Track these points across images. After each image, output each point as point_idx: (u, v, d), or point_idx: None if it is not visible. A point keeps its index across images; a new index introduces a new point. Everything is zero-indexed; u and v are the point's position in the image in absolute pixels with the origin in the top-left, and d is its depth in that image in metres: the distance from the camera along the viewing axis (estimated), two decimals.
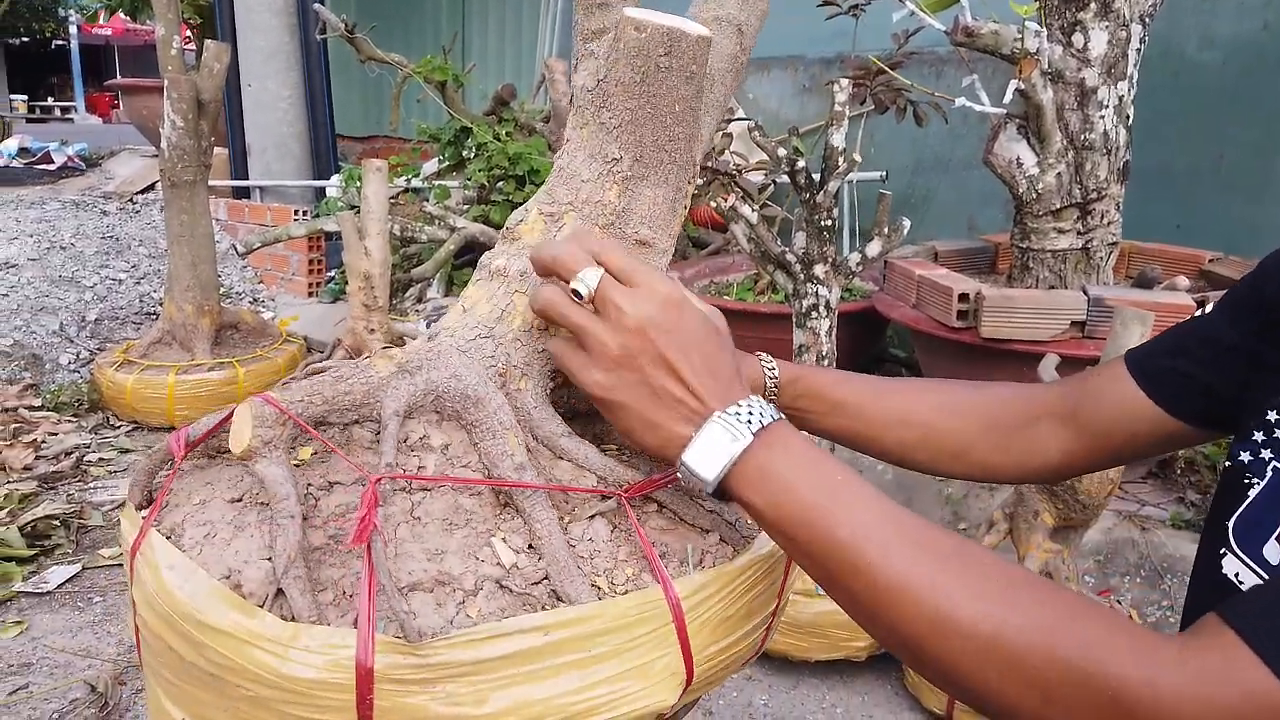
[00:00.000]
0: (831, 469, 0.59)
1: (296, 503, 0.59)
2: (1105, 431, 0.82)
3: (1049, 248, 2.66)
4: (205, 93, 3.60)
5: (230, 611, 0.55)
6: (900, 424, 0.85)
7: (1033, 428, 0.84)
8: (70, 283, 4.60)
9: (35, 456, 3.17)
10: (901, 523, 0.56)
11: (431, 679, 0.54)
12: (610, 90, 0.69)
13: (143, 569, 0.60)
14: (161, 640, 0.58)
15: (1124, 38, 2.55)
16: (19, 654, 2.16)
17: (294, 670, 0.53)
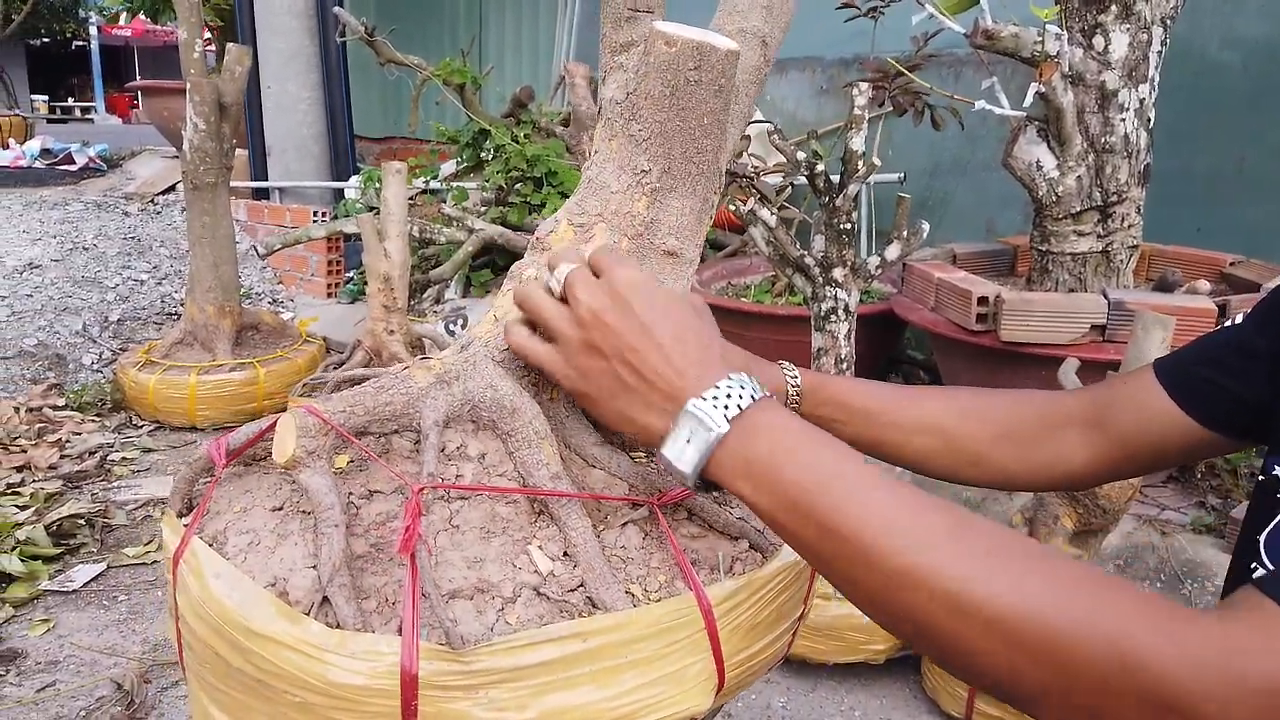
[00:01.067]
0: (820, 447, 0.56)
1: (340, 512, 0.60)
2: (1132, 440, 0.81)
3: (1069, 251, 2.65)
4: (227, 96, 3.63)
5: (278, 619, 0.56)
6: (922, 431, 0.84)
7: (1056, 435, 0.84)
8: (93, 283, 4.65)
9: (60, 456, 3.21)
10: (902, 499, 0.52)
11: (474, 685, 0.55)
12: (639, 103, 0.70)
13: (187, 576, 0.61)
14: (208, 647, 0.59)
15: (1145, 40, 2.54)
16: (46, 652, 2.18)
17: (341, 677, 0.54)
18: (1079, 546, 2.00)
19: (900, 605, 0.50)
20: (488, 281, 4.53)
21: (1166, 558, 2.37)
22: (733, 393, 0.57)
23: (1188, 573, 2.34)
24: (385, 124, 7.48)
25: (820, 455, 0.55)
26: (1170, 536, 2.42)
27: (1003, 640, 0.47)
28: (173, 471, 3.23)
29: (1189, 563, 2.35)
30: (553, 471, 0.65)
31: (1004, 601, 0.47)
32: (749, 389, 0.57)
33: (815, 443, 0.56)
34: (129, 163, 7.09)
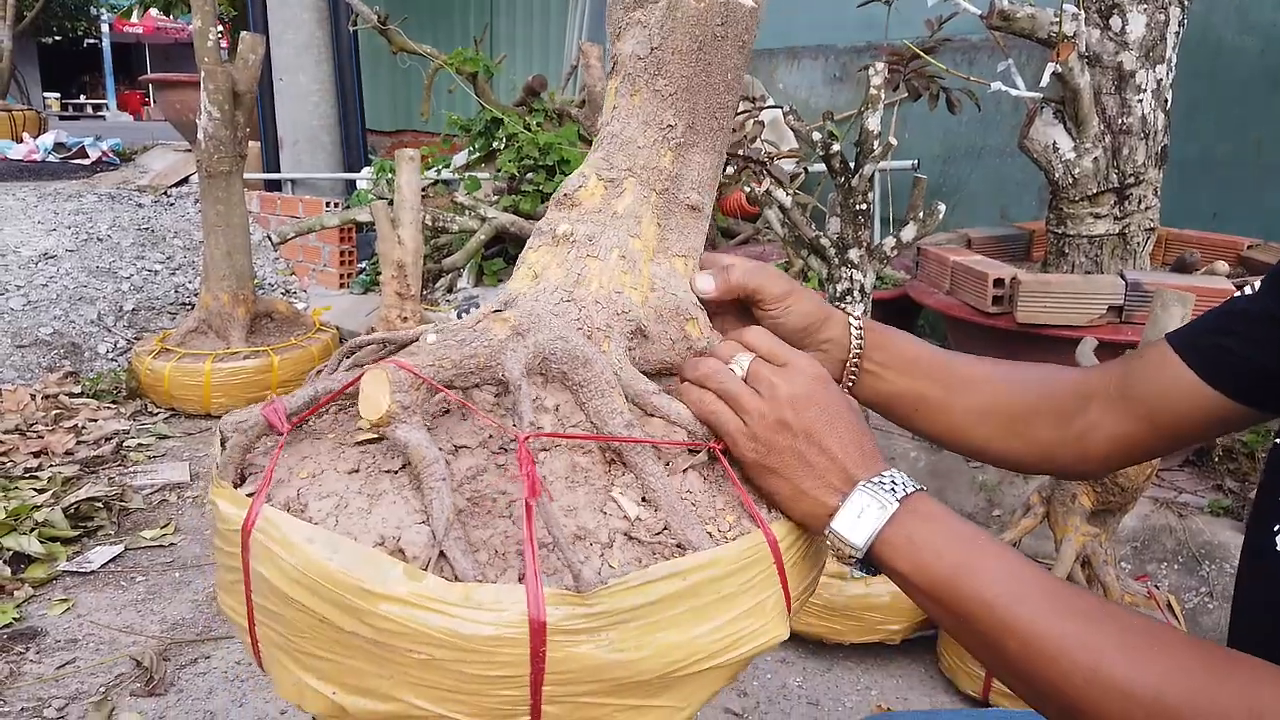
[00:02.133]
0: (973, 532, 0.63)
1: (445, 466, 0.60)
2: (1153, 414, 0.80)
3: (1085, 233, 2.64)
4: (241, 84, 3.64)
5: (399, 577, 0.55)
6: (967, 388, 0.84)
7: (1086, 409, 0.83)
8: (107, 273, 4.67)
9: (76, 441, 3.23)
10: (1046, 584, 0.59)
11: (597, 628, 0.56)
12: (666, 58, 0.71)
13: (269, 545, 0.58)
14: (309, 614, 0.57)
15: (1163, 20, 2.53)
16: (66, 630, 2.20)
17: (471, 629, 0.54)
18: (1097, 526, 1.99)
19: (1045, 679, 0.57)
20: (500, 270, 4.54)
21: (1184, 540, 2.36)
22: (897, 480, 0.65)
23: (1205, 554, 2.33)
24: (396, 117, 7.49)
25: (974, 538, 0.62)
26: (1188, 519, 2.40)
27: (1143, 716, 0.53)
28: (188, 457, 3.24)
29: (1206, 545, 2.34)
30: (626, 420, 0.66)
31: (1145, 684, 0.53)
32: (909, 479, 0.65)
33: (967, 527, 0.64)
34: (142, 157, 7.12)
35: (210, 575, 2.47)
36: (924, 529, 0.62)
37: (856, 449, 0.66)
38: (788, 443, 0.66)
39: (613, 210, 0.73)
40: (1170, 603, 2.05)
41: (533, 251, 0.75)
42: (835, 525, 0.64)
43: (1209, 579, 2.27)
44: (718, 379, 0.69)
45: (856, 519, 0.63)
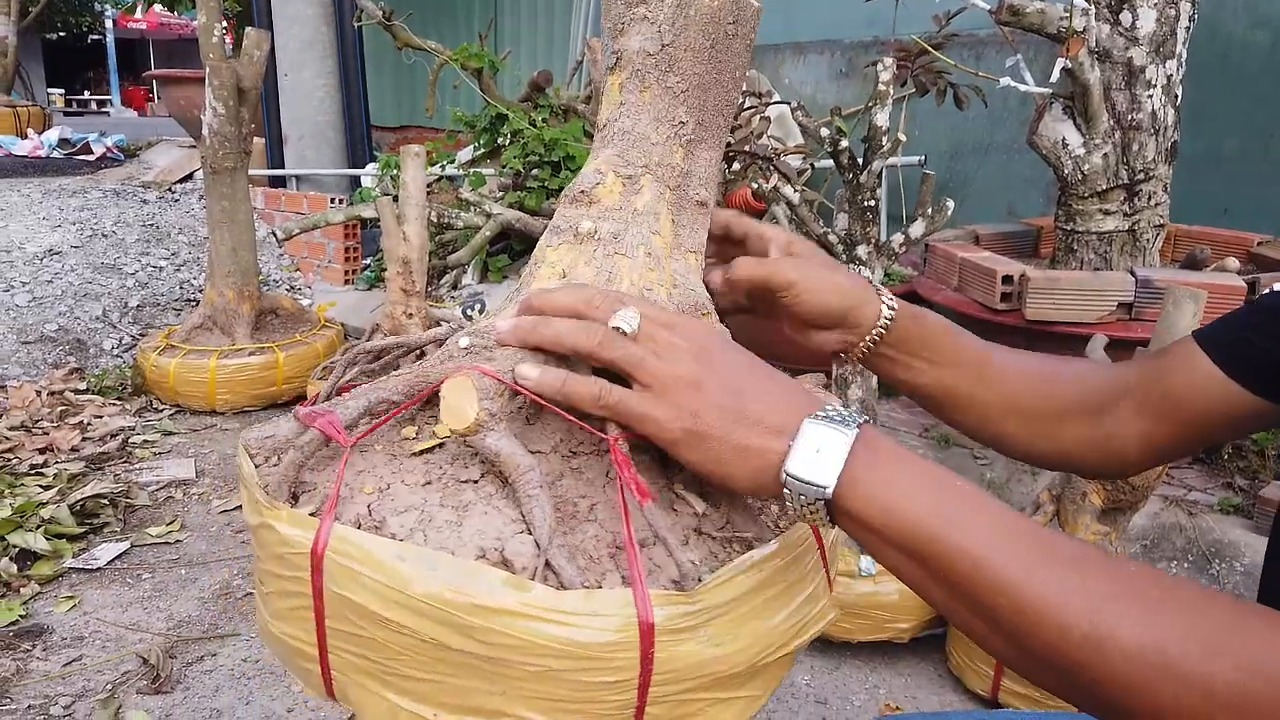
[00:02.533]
0: (942, 472, 0.54)
1: (540, 472, 0.59)
2: (1180, 412, 0.78)
3: (1094, 230, 2.62)
4: (246, 80, 3.64)
5: (508, 590, 0.53)
6: (998, 385, 0.82)
7: (1116, 410, 0.81)
8: (112, 270, 4.67)
9: (82, 438, 3.22)
10: (1036, 533, 0.51)
11: (698, 624, 0.55)
12: (679, 55, 0.71)
13: (351, 567, 0.56)
14: (409, 635, 0.55)
15: (1173, 15, 2.51)
16: (72, 627, 2.20)
17: (588, 636, 0.53)
18: (1107, 524, 1.98)
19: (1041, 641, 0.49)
20: (505, 267, 4.53)
21: (1194, 538, 2.35)
22: (843, 411, 0.55)
23: (1215, 553, 2.31)
24: (400, 113, 7.48)
25: (948, 481, 0.54)
26: (1198, 517, 2.39)
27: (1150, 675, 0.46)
28: (194, 454, 3.24)
29: (1216, 543, 2.33)
30: None
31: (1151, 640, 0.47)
32: (852, 411, 0.56)
33: (937, 467, 0.55)
34: (146, 153, 7.12)
35: (216, 572, 2.46)
36: (891, 467, 0.53)
37: (787, 389, 0.58)
38: (709, 400, 0.56)
39: (633, 207, 0.72)
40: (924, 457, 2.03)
41: (553, 250, 0.74)
42: (791, 468, 0.54)
43: (1219, 578, 2.26)
44: (610, 348, 0.58)
45: (815, 454, 0.53)
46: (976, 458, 2.74)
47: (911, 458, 0.55)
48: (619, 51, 0.74)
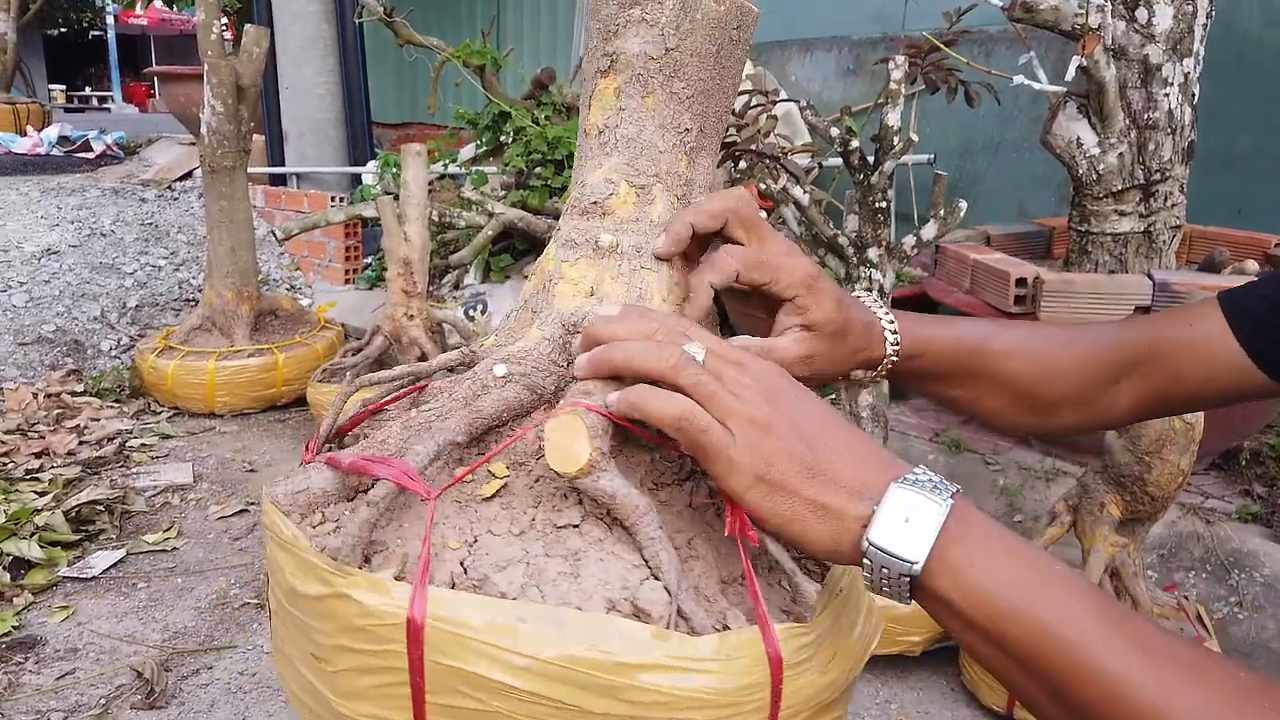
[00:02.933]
0: (1037, 555, 0.50)
1: (657, 514, 0.55)
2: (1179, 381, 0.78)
3: (1109, 231, 2.57)
4: (245, 78, 3.59)
5: (652, 642, 0.50)
6: (1002, 391, 0.81)
7: (1116, 386, 0.80)
8: (111, 269, 4.62)
9: (78, 442, 3.18)
10: (1134, 624, 0.48)
11: (814, 653, 0.55)
12: (684, 60, 0.69)
13: (458, 633, 0.51)
14: (540, 703, 0.50)
15: (1190, 12, 2.46)
16: (66, 639, 2.15)
17: (726, 682, 0.50)
18: (1125, 535, 1.93)
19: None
20: (507, 266, 4.47)
21: (1212, 547, 2.30)
22: (933, 477, 0.50)
23: (1234, 563, 2.26)
24: (402, 110, 7.42)
25: (1036, 559, 0.50)
26: (1215, 525, 2.34)
27: None
28: (191, 458, 3.19)
29: (1235, 552, 2.28)
30: None
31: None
32: (941, 477, 0.51)
33: (1026, 544, 0.51)
34: (146, 150, 7.06)
35: (213, 581, 2.42)
36: (983, 546, 0.49)
37: (862, 441, 0.53)
38: (785, 445, 0.51)
39: (650, 219, 0.70)
40: (1200, 614, 1.99)
41: (570, 265, 0.70)
42: (875, 536, 0.49)
43: (1239, 588, 2.21)
44: (685, 375, 0.53)
45: (904, 525, 0.48)
46: (988, 463, 2.69)
47: (1003, 535, 0.50)
48: (614, 54, 0.70)
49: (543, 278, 0.71)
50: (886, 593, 0.50)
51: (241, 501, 2.86)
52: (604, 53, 0.71)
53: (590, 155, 0.72)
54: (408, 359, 3.32)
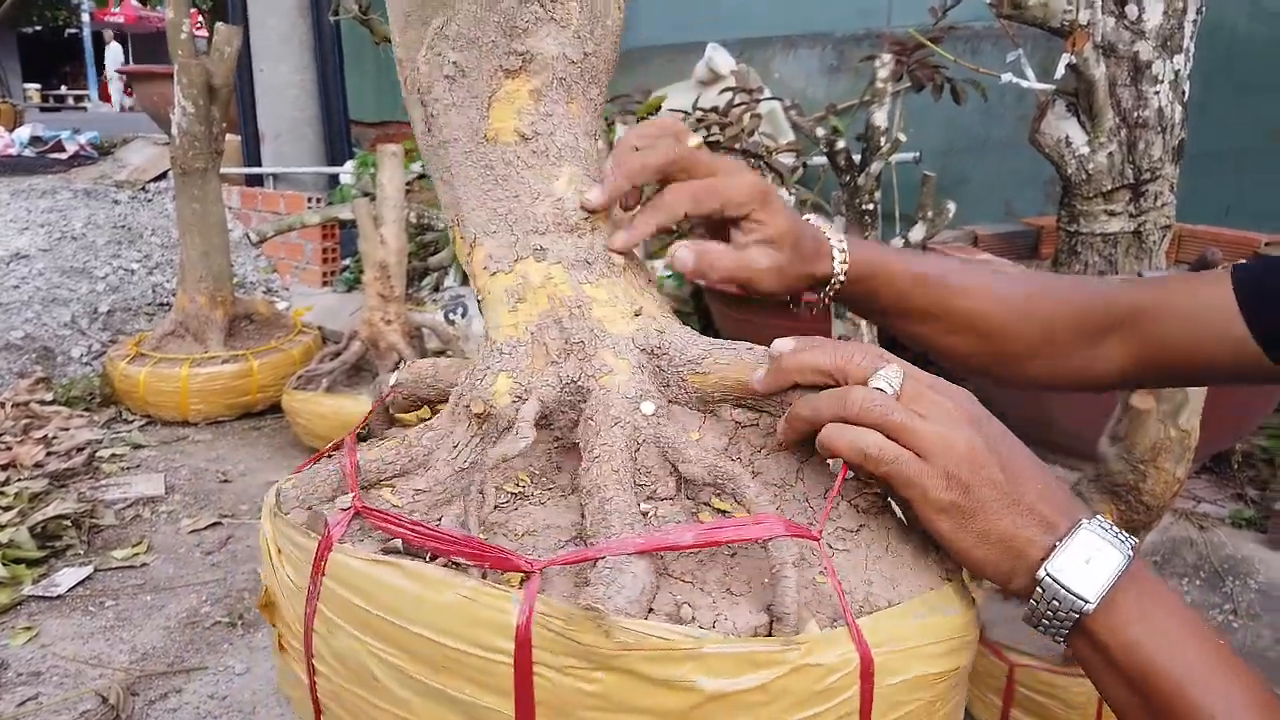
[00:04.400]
0: (1201, 625, 0.51)
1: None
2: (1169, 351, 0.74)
3: (1099, 231, 2.52)
4: (216, 78, 3.50)
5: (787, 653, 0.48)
6: (963, 329, 0.78)
7: (1098, 343, 0.76)
8: (82, 273, 4.52)
9: (46, 453, 3.09)
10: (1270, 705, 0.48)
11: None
12: (599, 66, 0.67)
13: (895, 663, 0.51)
14: None
15: (1180, 8, 2.41)
16: (29, 661, 2.07)
17: (832, 680, 0.49)
18: None
19: None
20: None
21: (1206, 554, 2.26)
22: (1114, 528, 0.52)
23: (1229, 569, 2.23)
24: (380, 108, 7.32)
25: (1204, 631, 0.51)
26: (1209, 531, 2.31)
27: None
28: (164, 468, 3.11)
29: (1229, 559, 2.25)
30: None
31: None
32: (1121, 531, 0.53)
33: (1196, 614, 0.52)
34: (120, 150, 6.95)
35: (183, 598, 2.34)
36: (1151, 602, 0.50)
37: (1053, 479, 0.54)
38: (986, 474, 0.52)
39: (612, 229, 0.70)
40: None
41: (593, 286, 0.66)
42: (1054, 569, 0.50)
43: (1233, 595, 2.17)
44: (881, 411, 0.53)
45: (1084, 565, 0.50)
46: None
47: (1173, 599, 0.52)
48: (527, 53, 0.64)
49: (551, 303, 0.65)
50: (1044, 627, 0.52)
51: (214, 514, 2.79)
52: (512, 50, 0.64)
53: (526, 165, 0.66)
54: (385, 364, 3.25)
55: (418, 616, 0.51)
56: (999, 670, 1.80)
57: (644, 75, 5.05)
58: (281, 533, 0.61)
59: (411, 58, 0.68)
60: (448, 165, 0.68)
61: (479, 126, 0.66)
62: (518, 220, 0.66)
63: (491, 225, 0.67)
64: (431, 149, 0.69)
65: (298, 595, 0.59)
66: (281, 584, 0.62)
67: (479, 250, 0.67)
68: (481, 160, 0.66)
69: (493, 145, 0.66)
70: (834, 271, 0.74)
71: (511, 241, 0.66)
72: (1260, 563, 2.20)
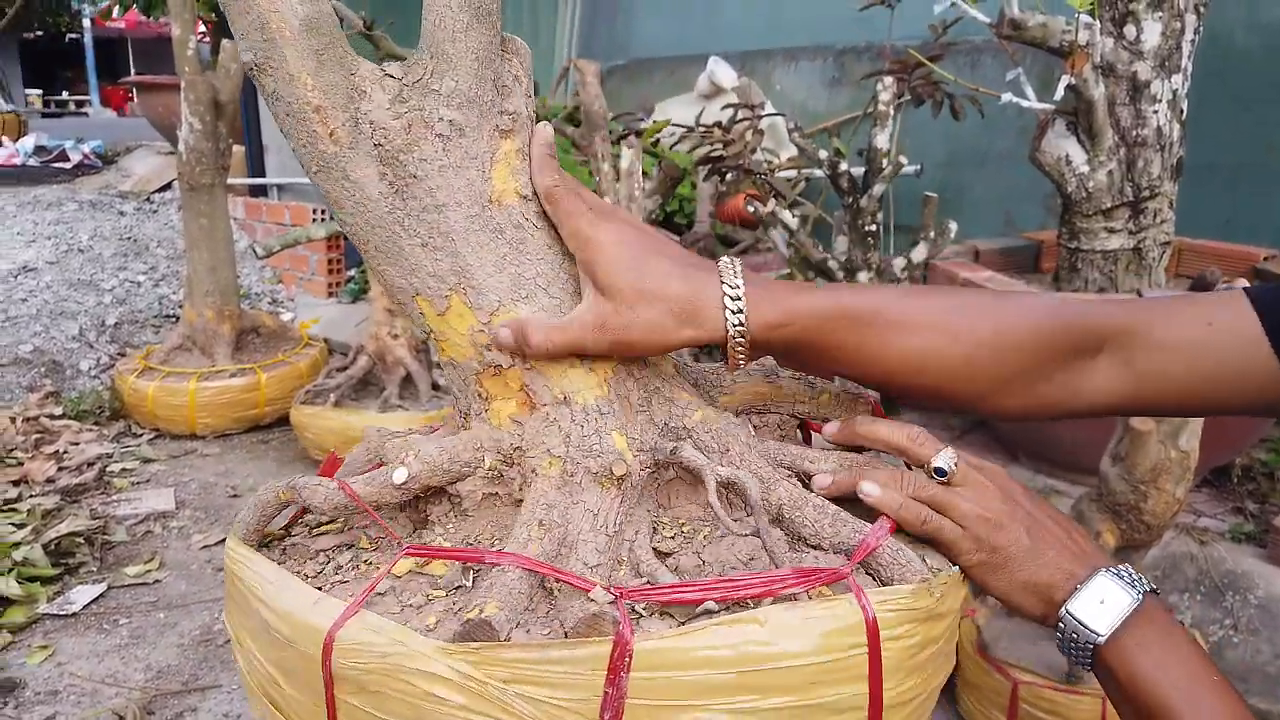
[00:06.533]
0: (1204, 662, 0.59)
1: None
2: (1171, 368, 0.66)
3: (1099, 248, 2.55)
4: (223, 94, 3.53)
5: None
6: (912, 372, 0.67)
7: (1081, 370, 0.68)
8: (89, 286, 4.56)
9: (58, 468, 3.12)
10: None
11: None
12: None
13: None
14: None
15: (1178, 29, 2.44)
16: (46, 680, 2.10)
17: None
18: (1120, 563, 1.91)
19: None
20: None
21: (1206, 569, 2.29)
22: (1134, 574, 0.61)
23: (1229, 584, 2.25)
24: None
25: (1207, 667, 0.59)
26: (1209, 545, 2.33)
27: None
28: (173, 482, 3.14)
29: (1229, 574, 2.27)
30: None
31: None
32: (1141, 575, 0.62)
33: (1200, 653, 0.60)
34: (124, 159, 6.98)
35: (196, 615, 2.37)
36: (1157, 639, 0.59)
37: (1078, 537, 0.65)
38: (1011, 537, 0.63)
39: None
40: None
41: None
42: (1073, 608, 0.60)
43: (1233, 610, 2.20)
44: (930, 492, 0.65)
45: (1099, 605, 0.59)
46: None
47: (1181, 637, 0.60)
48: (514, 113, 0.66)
49: None
50: (1071, 655, 0.62)
51: (225, 529, 2.82)
52: (504, 110, 0.65)
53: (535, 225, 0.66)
54: (392, 379, 3.28)
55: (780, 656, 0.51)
56: (1003, 687, 1.82)
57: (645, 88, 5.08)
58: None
59: (349, 108, 0.61)
60: (443, 231, 0.63)
61: (482, 189, 0.64)
62: (550, 283, 0.65)
63: (521, 291, 0.65)
64: (401, 214, 0.63)
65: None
66: None
67: (506, 319, 0.65)
68: (490, 224, 0.64)
69: (499, 208, 0.64)
70: (725, 328, 0.63)
71: (554, 305, 0.65)
72: (1260, 577, 2.22)
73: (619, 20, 5.59)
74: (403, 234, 0.63)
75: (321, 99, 0.61)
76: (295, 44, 0.60)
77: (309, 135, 0.62)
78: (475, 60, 0.62)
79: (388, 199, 0.63)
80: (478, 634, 0.52)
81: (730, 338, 0.63)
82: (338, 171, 0.63)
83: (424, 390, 3.23)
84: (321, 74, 0.61)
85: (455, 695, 0.51)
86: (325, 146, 0.62)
